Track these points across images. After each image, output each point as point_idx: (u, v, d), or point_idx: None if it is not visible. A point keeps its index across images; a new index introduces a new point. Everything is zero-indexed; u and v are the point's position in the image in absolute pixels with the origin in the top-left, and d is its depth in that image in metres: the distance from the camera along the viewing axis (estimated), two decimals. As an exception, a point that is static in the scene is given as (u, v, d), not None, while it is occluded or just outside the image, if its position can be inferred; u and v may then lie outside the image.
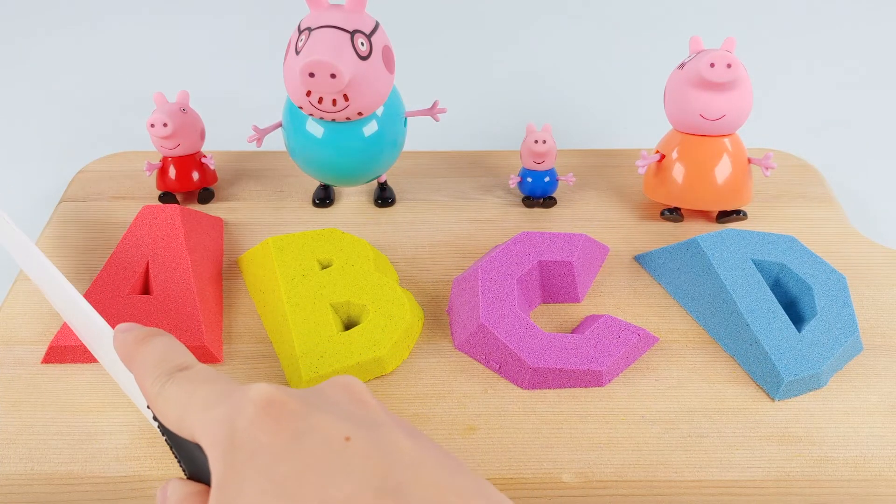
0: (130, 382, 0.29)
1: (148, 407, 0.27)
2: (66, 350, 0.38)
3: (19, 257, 0.35)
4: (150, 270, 0.42)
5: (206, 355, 0.39)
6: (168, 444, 0.26)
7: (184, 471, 0.26)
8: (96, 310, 0.39)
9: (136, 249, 0.43)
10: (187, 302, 0.40)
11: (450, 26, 0.74)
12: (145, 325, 0.39)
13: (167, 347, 0.27)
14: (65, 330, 0.39)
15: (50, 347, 0.38)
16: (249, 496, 0.20)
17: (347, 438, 0.21)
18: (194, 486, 0.24)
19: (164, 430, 0.26)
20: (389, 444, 0.21)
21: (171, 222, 0.44)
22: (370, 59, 0.41)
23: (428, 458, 0.21)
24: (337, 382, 0.24)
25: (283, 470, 0.20)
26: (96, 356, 0.31)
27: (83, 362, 0.39)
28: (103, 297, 0.40)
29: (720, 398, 0.38)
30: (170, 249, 0.43)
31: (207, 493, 0.23)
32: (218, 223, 0.48)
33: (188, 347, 0.37)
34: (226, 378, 0.25)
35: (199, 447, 0.24)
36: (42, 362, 0.39)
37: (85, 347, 0.38)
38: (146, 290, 0.42)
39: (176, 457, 0.26)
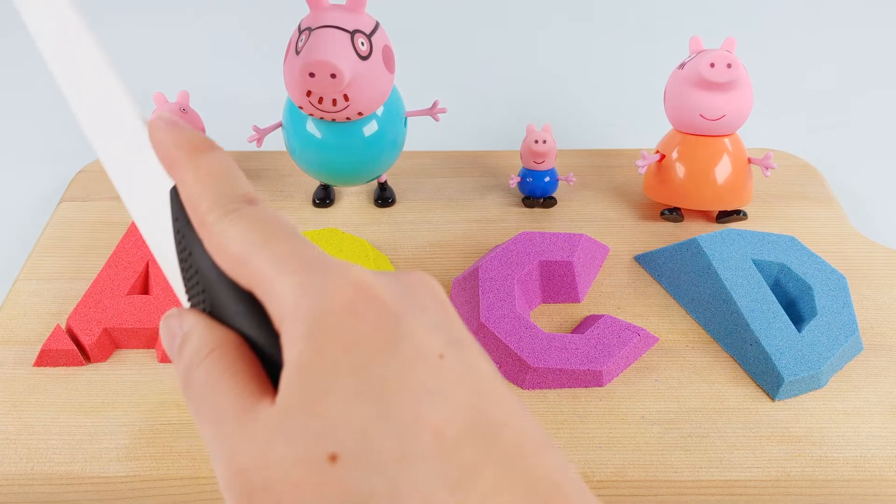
0: (143, 184, 0.23)
1: (176, 220, 0.22)
2: (59, 354, 0.38)
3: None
4: (150, 270, 0.42)
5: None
6: (187, 272, 0.21)
7: (191, 300, 0.21)
8: (96, 307, 0.39)
9: (136, 249, 0.43)
10: (187, 302, 0.40)
11: (450, 26, 0.74)
12: (146, 325, 0.39)
13: (230, 168, 0.21)
14: (57, 333, 0.39)
15: (42, 351, 0.38)
16: (343, 395, 0.18)
17: (441, 356, 0.19)
18: (229, 335, 0.20)
19: (191, 257, 0.21)
20: (477, 370, 0.19)
21: None
22: (370, 59, 0.41)
23: (508, 395, 0.19)
24: (421, 281, 0.21)
25: (378, 373, 0.18)
26: (94, 143, 0.25)
27: (76, 365, 0.39)
28: (103, 296, 0.40)
29: (720, 398, 0.38)
30: None
31: (247, 349, 0.20)
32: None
33: None
34: (301, 235, 0.21)
35: (248, 297, 0.20)
36: (34, 365, 0.39)
37: (77, 351, 0.38)
38: (146, 290, 0.42)
39: (191, 289, 0.21)
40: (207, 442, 0.19)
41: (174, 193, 0.22)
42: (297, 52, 0.41)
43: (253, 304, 0.20)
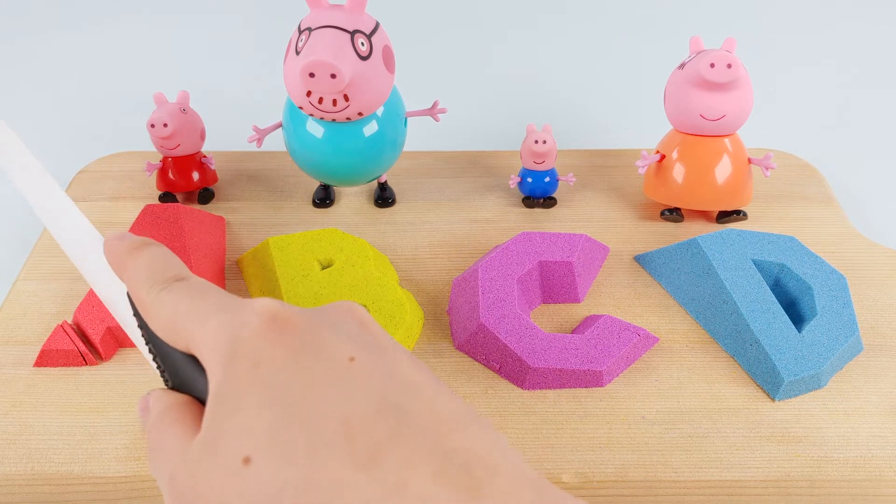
0: (114, 292, 0.27)
1: (135, 315, 0.26)
2: (59, 354, 0.38)
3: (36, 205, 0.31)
4: None
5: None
6: (151, 354, 0.25)
7: (166, 381, 0.25)
8: (99, 306, 0.39)
9: None
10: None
11: (450, 26, 0.74)
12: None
13: (163, 256, 0.26)
14: (57, 333, 0.39)
15: (42, 351, 0.38)
16: (250, 407, 0.20)
17: (352, 359, 0.21)
18: (180, 397, 0.24)
19: (150, 340, 0.25)
20: (393, 368, 0.21)
21: (173, 221, 0.44)
22: (370, 60, 0.41)
23: (429, 386, 0.21)
24: (341, 306, 0.24)
25: (286, 383, 0.20)
26: (78, 265, 0.29)
27: (77, 366, 0.39)
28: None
29: (720, 398, 0.38)
30: (172, 248, 0.43)
31: (194, 404, 0.23)
32: (220, 222, 0.48)
33: None
34: (223, 291, 0.25)
35: (190, 358, 0.23)
36: (34, 366, 0.39)
37: (77, 351, 0.38)
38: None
39: (159, 367, 0.25)
40: (160, 486, 0.22)
41: (129, 294, 0.26)
42: (298, 52, 0.41)
43: (195, 362, 0.23)
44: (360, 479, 0.18)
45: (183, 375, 0.24)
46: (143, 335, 0.26)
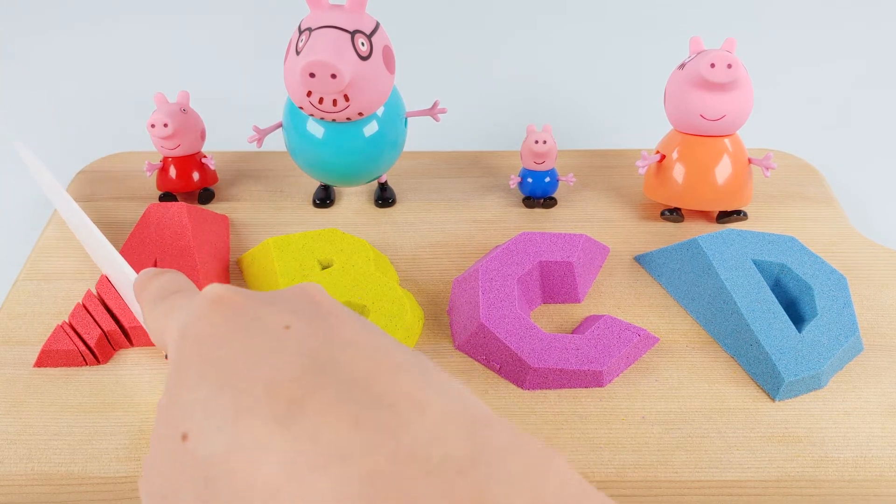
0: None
1: None
2: (59, 354, 0.38)
3: (57, 203, 0.37)
4: (158, 268, 0.42)
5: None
6: None
7: None
8: (110, 303, 0.39)
9: (144, 247, 0.43)
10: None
11: (450, 26, 0.74)
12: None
13: (171, 278, 0.28)
14: (57, 334, 0.39)
15: (42, 351, 0.38)
16: (188, 381, 0.21)
17: (287, 327, 0.21)
18: None
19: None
20: (332, 329, 0.21)
21: (178, 220, 0.44)
22: (370, 60, 0.41)
23: (370, 340, 0.21)
24: (295, 287, 0.25)
25: (219, 354, 0.21)
26: (127, 302, 0.35)
27: (77, 366, 0.39)
28: (112, 294, 0.40)
29: (720, 398, 0.38)
30: (177, 247, 0.43)
31: None
32: (223, 221, 0.48)
33: None
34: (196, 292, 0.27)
35: None
36: (34, 366, 0.39)
37: (77, 351, 0.38)
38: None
39: None
40: None
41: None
42: (298, 53, 0.41)
43: None
44: (277, 437, 0.18)
45: None
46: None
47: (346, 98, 0.41)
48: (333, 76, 0.40)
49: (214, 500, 0.18)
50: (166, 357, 0.28)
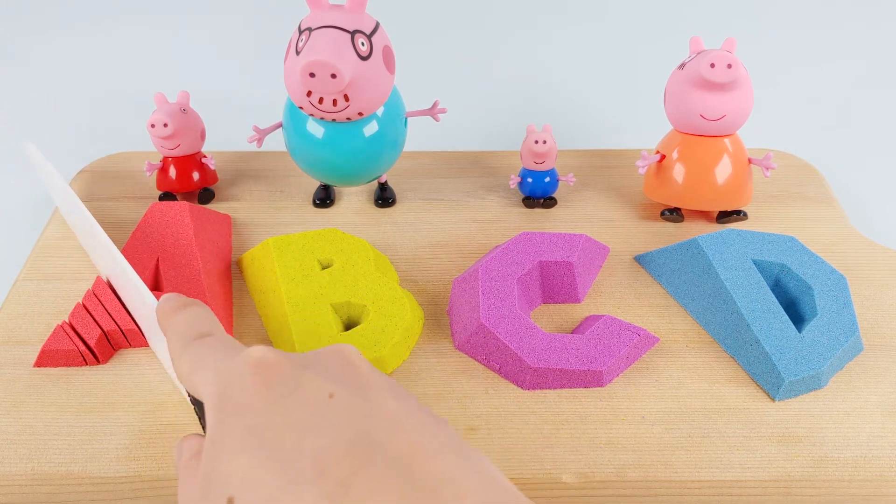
0: (166, 350, 0.30)
1: None
2: (59, 354, 0.38)
3: (66, 209, 0.37)
4: (160, 267, 0.42)
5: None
6: (190, 398, 0.28)
7: (203, 427, 0.27)
8: (108, 305, 0.39)
9: (147, 247, 0.43)
10: (197, 298, 0.40)
11: (450, 26, 0.74)
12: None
13: (197, 316, 0.28)
14: (57, 333, 0.39)
15: (42, 351, 0.38)
16: (231, 449, 0.21)
17: (331, 395, 0.22)
18: (202, 441, 0.26)
19: (189, 393, 0.28)
20: (373, 403, 0.22)
21: (180, 220, 0.44)
22: (370, 60, 0.41)
23: (410, 418, 0.22)
24: (332, 349, 0.25)
25: (264, 424, 0.21)
26: (141, 328, 0.35)
27: (77, 366, 0.39)
28: (109, 297, 0.40)
29: (720, 398, 0.38)
30: (179, 246, 0.43)
31: None
32: (226, 220, 0.48)
33: None
34: (236, 343, 0.26)
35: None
36: (34, 366, 0.39)
37: (77, 351, 0.38)
38: (157, 286, 0.42)
39: (197, 413, 0.28)
40: None
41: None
42: (298, 53, 0.41)
43: None
44: None
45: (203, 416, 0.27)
46: (186, 389, 0.28)
47: (346, 98, 0.41)
48: (333, 76, 0.40)
49: None
50: (188, 395, 0.29)
